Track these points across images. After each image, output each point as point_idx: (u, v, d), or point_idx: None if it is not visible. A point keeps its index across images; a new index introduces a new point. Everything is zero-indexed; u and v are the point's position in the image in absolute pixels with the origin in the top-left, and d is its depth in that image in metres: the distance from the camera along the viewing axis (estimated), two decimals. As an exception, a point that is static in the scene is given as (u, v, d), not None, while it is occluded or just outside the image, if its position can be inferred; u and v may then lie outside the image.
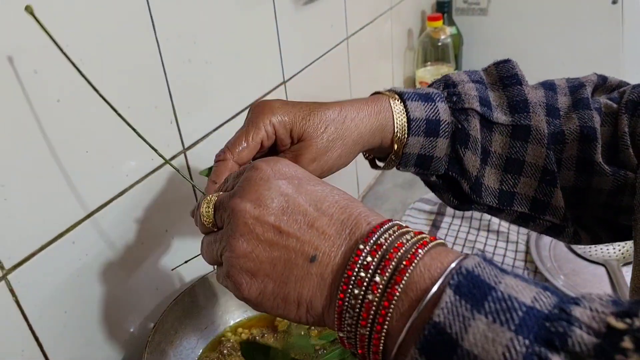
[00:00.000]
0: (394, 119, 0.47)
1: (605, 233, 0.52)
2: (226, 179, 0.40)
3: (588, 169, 0.48)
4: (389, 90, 0.49)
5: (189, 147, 0.61)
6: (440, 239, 0.31)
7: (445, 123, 0.48)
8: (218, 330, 0.62)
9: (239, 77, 0.67)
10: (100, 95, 0.41)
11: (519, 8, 1.30)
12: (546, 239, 0.92)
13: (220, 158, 0.45)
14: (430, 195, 1.13)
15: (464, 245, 0.95)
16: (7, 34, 0.40)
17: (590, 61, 1.28)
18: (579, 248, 0.89)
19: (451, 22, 1.31)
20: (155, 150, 0.44)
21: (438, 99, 0.48)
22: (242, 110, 0.68)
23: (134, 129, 0.43)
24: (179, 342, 0.57)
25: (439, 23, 1.21)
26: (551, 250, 0.90)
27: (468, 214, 1.02)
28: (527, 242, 0.92)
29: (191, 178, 0.62)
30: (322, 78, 0.89)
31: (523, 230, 0.96)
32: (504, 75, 0.50)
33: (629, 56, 1.25)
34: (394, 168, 0.51)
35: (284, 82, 0.77)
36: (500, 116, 0.48)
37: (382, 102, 0.48)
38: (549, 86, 0.50)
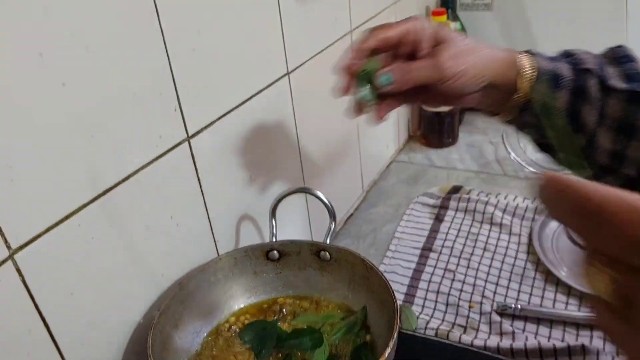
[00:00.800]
0: (522, 64, 0.51)
1: None
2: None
3: None
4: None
5: (193, 135, 0.61)
6: None
7: (568, 78, 0.50)
8: (222, 316, 0.62)
9: (242, 68, 0.68)
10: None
11: (523, 3, 1.30)
12: (549, 231, 0.92)
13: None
14: (434, 189, 1.13)
15: (466, 238, 0.95)
16: (12, 18, 0.41)
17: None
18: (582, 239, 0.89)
19: (455, 18, 1.32)
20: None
21: (560, 59, 0.52)
22: (246, 100, 0.69)
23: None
24: (183, 326, 0.58)
25: (443, 18, 1.21)
26: (554, 241, 0.90)
27: (471, 207, 1.02)
28: (530, 234, 0.93)
29: (195, 167, 0.62)
30: (326, 71, 0.89)
31: (526, 222, 0.97)
32: (618, 55, 0.52)
33: (633, 47, 1.25)
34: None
35: (288, 74, 0.78)
36: (616, 83, 0.49)
37: (513, 51, 0.53)
38: None
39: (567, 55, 0.54)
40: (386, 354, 0.47)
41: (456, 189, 1.10)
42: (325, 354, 0.55)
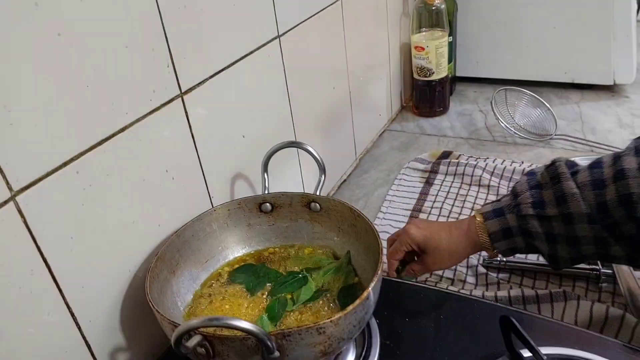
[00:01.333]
0: (480, 237, 0.67)
1: None
2: None
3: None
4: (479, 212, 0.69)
5: (186, 92, 0.63)
6: None
7: (515, 227, 0.65)
8: (218, 264, 0.65)
9: (233, 27, 0.70)
10: None
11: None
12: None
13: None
14: (425, 154, 1.16)
15: (455, 199, 0.98)
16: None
17: (584, 25, 1.30)
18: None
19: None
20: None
21: (507, 210, 0.66)
22: (238, 60, 0.71)
23: None
24: (180, 272, 0.60)
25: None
26: (540, 200, 0.93)
27: (460, 170, 1.05)
28: (517, 194, 0.95)
29: (189, 123, 0.64)
30: (317, 38, 0.91)
31: (512, 184, 0.99)
32: (552, 176, 0.64)
33: (621, 19, 1.27)
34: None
35: (279, 36, 0.80)
36: (551, 210, 0.62)
37: (471, 226, 0.68)
38: (595, 164, 0.62)
39: (514, 197, 0.66)
40: (370, 288, 0.49)
41: (446, 154, 1.13)
42: (311, 291, 0.58)
